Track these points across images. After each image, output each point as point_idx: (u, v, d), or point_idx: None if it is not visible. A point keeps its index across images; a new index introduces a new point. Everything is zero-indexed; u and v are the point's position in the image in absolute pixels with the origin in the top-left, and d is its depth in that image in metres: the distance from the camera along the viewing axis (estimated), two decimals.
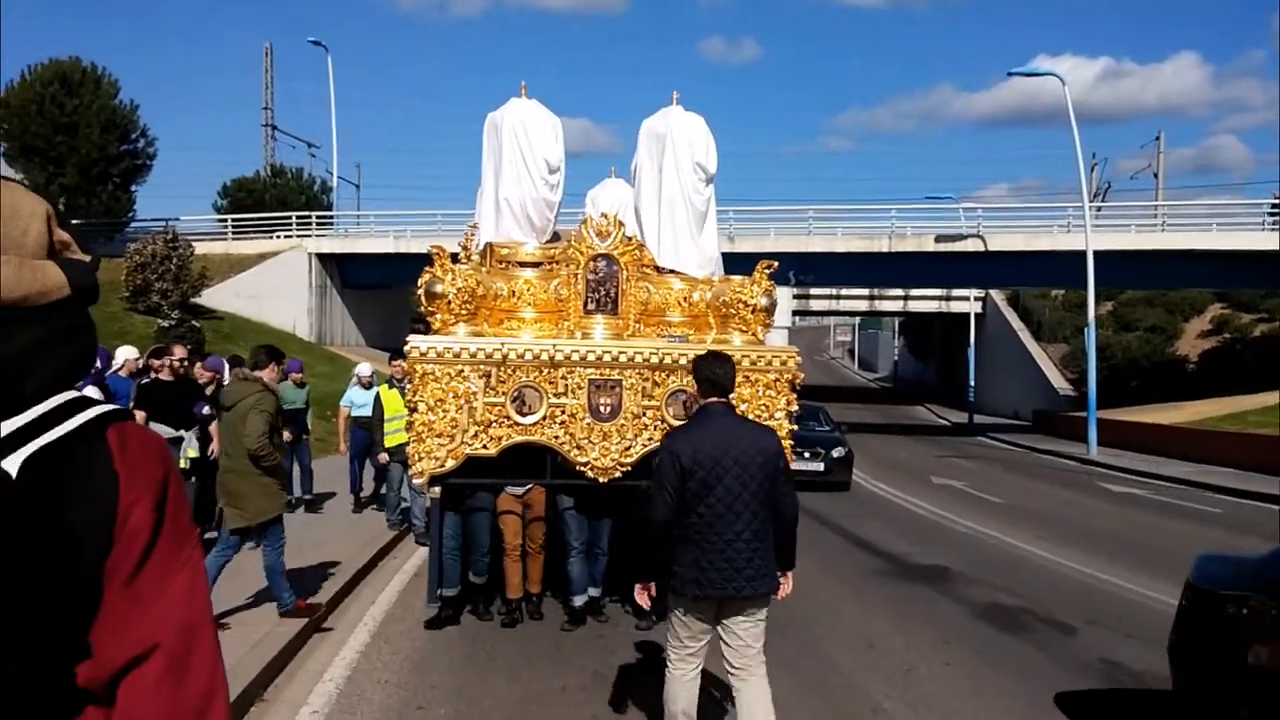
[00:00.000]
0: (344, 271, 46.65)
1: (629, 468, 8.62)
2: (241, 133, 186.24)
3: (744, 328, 8.85)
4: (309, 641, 8.33)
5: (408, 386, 8.79)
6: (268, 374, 8.52)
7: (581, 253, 8.76)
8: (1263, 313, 47.81)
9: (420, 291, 8.73)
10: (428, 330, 8.74)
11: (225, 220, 49.79)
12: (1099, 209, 43.88)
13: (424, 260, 8.83)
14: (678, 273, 9.22)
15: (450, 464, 8.51)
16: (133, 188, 50.13)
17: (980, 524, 16.07)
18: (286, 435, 11.70)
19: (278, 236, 47.69)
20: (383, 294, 49.39)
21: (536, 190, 9.14)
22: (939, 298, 54.71)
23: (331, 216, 51.99)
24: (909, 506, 18.86)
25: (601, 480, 8.61)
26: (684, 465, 5.17)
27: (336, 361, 38.80)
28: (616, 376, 8.60)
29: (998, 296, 54.97)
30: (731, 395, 8.67)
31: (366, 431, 14.14)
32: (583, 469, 8.60)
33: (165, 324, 32.32)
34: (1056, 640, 8.98)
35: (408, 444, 8.91)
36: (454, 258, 9.12)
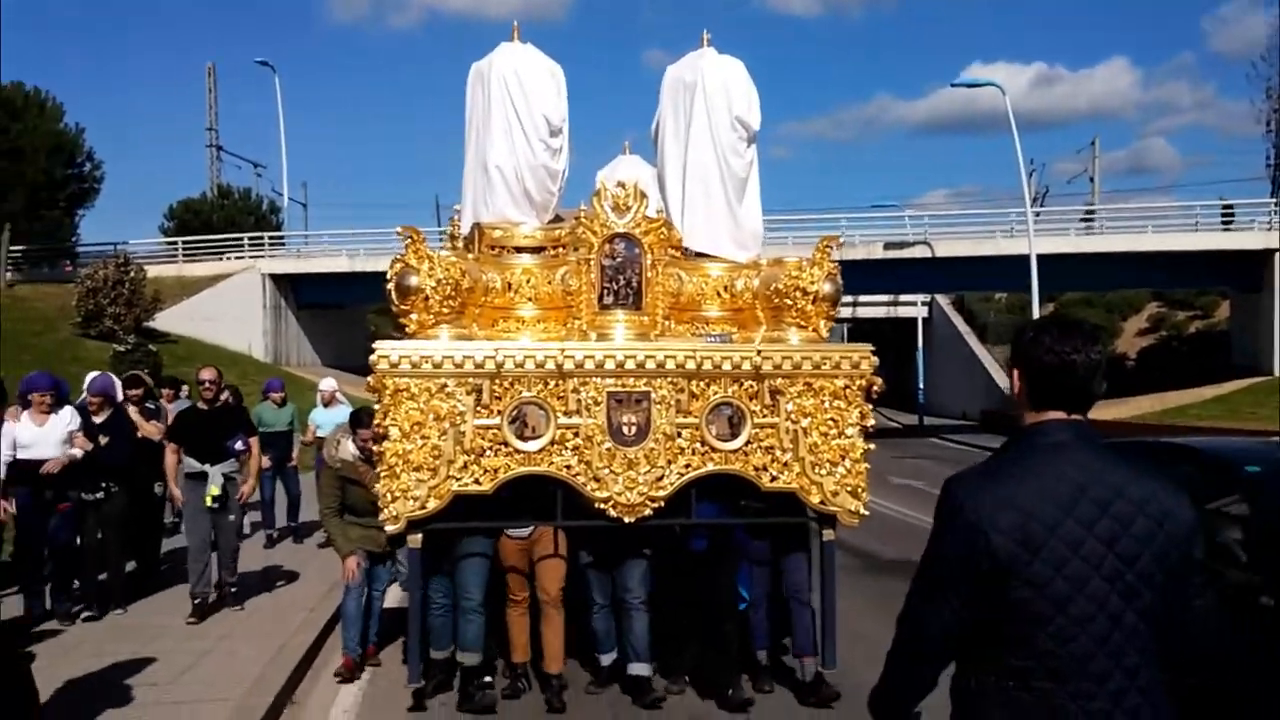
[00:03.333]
0: (298, 291, 43.80)
1: (661, 504, 6.38)
2: (185, 154, 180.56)
3: (802, 322, 6.63)
4: (324, 646, 8.11)
5: (375, 408, 6.48)
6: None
7: (595, 233, 6.51)
8: (1197, 309, 46.81)
9: (390, 286, 6.44)
10: (403, 336, 6.47)
11: (175, 243, 46.65)
12: (1038, 214, 42.62)
13: (379, 279, 6.67)
14: (713, 256, 7.00)
15: (432, 504, 6.22)
16: (79, 212, 47.11)
17: None
18: (266, 462, 10.49)
19: (229, 258, 44.75)
20: (337, 314, 46.61)
21: (534, 155, 6.86)
22: (886, 303, 53.04)
23: (283, 237, 49.14)
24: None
25: (627, 520, 6.36)
26: (998, 551, 2.44)
27: (295, 382, 36.07)
28: (643, 388, 6.35)
29: (943, 301, 53.52)
30: (789, 406, 6.57)
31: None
32: (603, 506, 6.35)
33: (121, 349, 29.84)
34: None
35: None
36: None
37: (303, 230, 54.07)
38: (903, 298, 51.33)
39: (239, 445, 8.65)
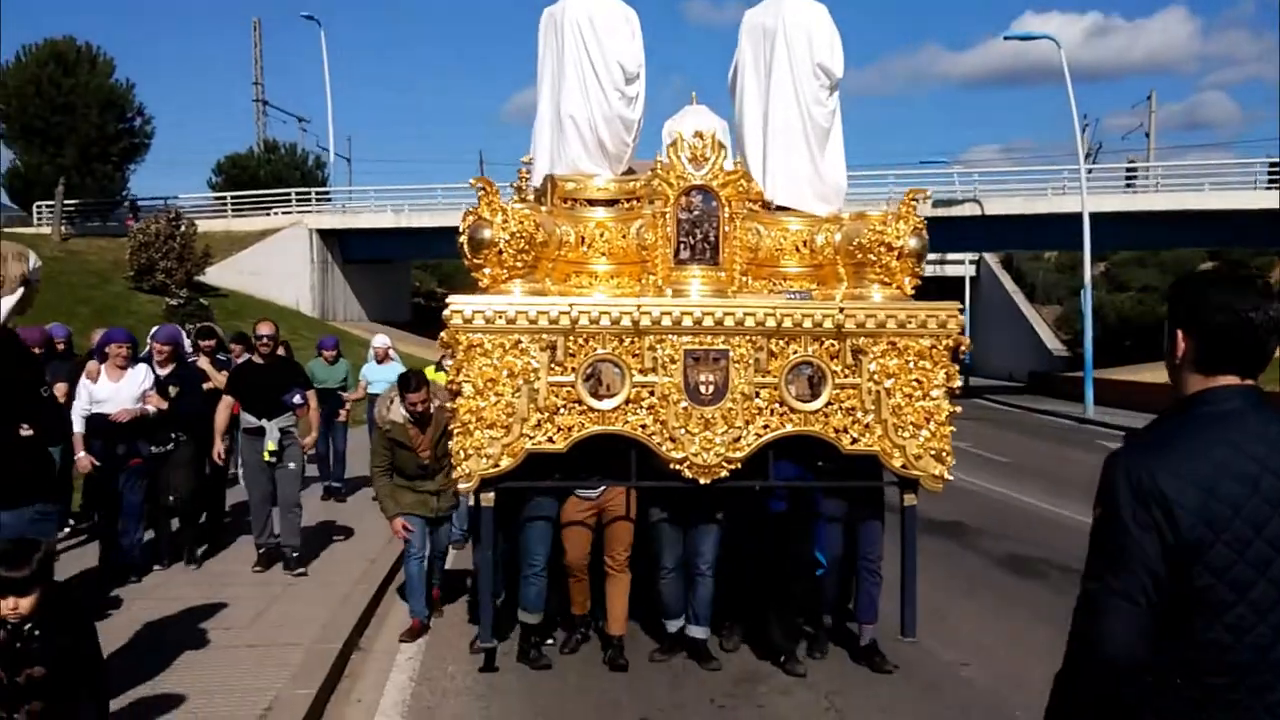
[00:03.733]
0: (344, 247, 43.76)
1: (738, 465, 6.16)
2: (231, 108, 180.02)
3: (886, 278, 6.35)
4: (385, 598, 8.13)
5: (448, 365, 6.29)
6: None
7: (671, 185, 6.25)
8: (1254, 269, 45.70)
9: (462, 240, 6.22)
10: (476, 290, 6.26)
11: (224, 198, 46.73)
12: (1090, 171, 41.68)
13: (424, 235, 6.48)
14: (792, 209, 6.71)
15: (505, 462, 6.04)
16: (130, 166, 47.23)
17: (988, 481, 15.31)
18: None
19: (276, 213, 44.76)
20: (383, 269, 46.61)
21: (609, 105, 6.59)
22: (934, 261, 52.17)
23: (329, 192, 49.07)
24: None
25: (702, 481, 6.15)
26: (1187, 532, 2.16)
27: (342, 337, 36.17)
28: (721, 346, 6.12)
29: (991, 259, 52.65)
30: (872, 366, 6.31)
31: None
32: (678, 467, 6.14)
33: (174, 303, 29.95)
34: (1073, 585, 6.79)
35: None
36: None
37: (347, 186, 54.04)
38: (950, 256, 50.59)
39: (296, 399, 8.50)
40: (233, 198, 46.10)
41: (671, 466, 6.13)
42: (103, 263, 36.18)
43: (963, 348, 6.21)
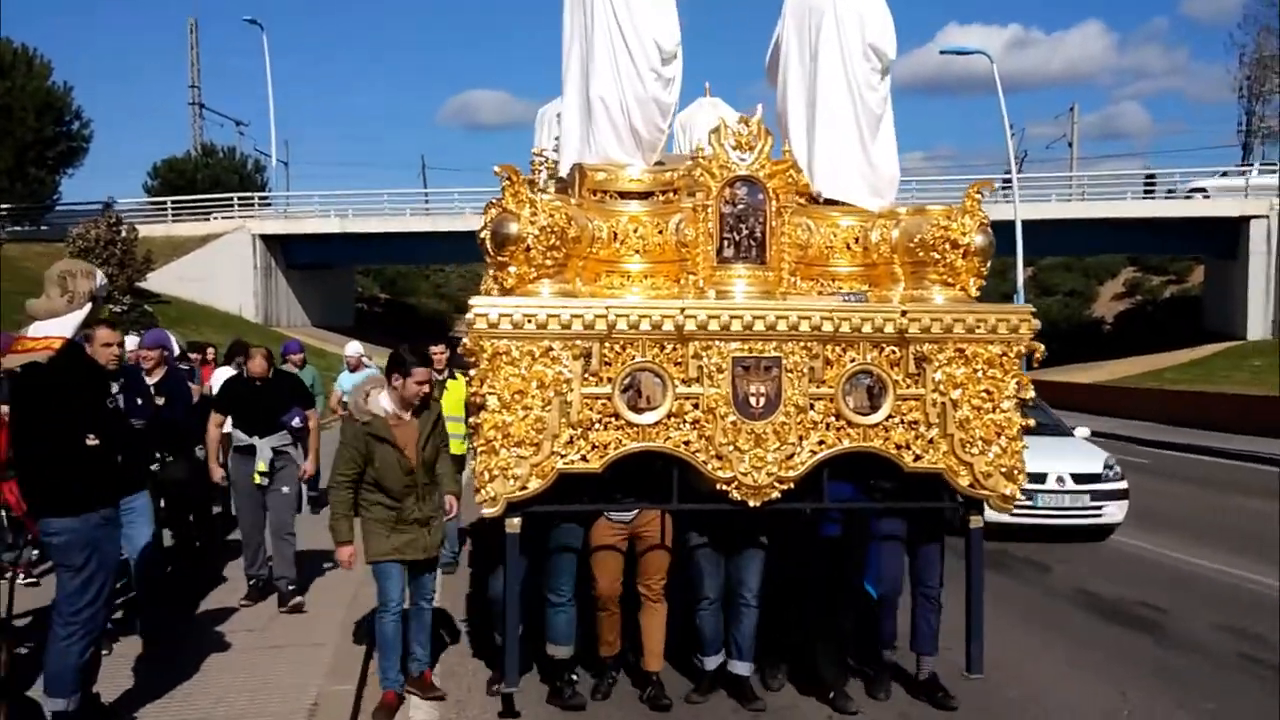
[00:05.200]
0: (288, 252, 42.23)
1: (791, 485, 5.39)
2: (166, 112, 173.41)
3: (949, 279, 5.62)
4: None
5: (472, 373, 5.41)
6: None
7: (714, 175, 5.46)
8: (1171, 275, 46.26)
9: (484, 236, 5.38)
10: (501, 291, 5.42)
11: (163, 202, 44.85)
12: (1020, 178, 41.88)
13: (369, 240, 5.66)
14: (843, 203, 5.97)
15: (534, 484, 5.21)
16: (68, 171, 45.19)
17: None
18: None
19: (216, 218, 43.12)
20: (326, 274, 45.21)
21: (644, 87, 5.76)
22: None
23: (270, 197, 47.50)
24: None
25: (752, 503, 5.37)
26: None
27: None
28: (773, 353, 5.34)
29: None
30: (936, 375, 5.56)
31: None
32: (726, 488, 5.35)
33: (117, 309, 28.41)
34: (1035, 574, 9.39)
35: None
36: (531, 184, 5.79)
37: (286, 190, 52.46)
38: None
39: (296, 422, 7.54)
40: (173, 202, 44.33)
41: (719, 487, 5.35)
42: (40, 269, 34.12)
43: (1037, 354, 5.51)
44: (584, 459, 5.26)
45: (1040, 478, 10.11)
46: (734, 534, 5.73)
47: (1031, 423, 5.57)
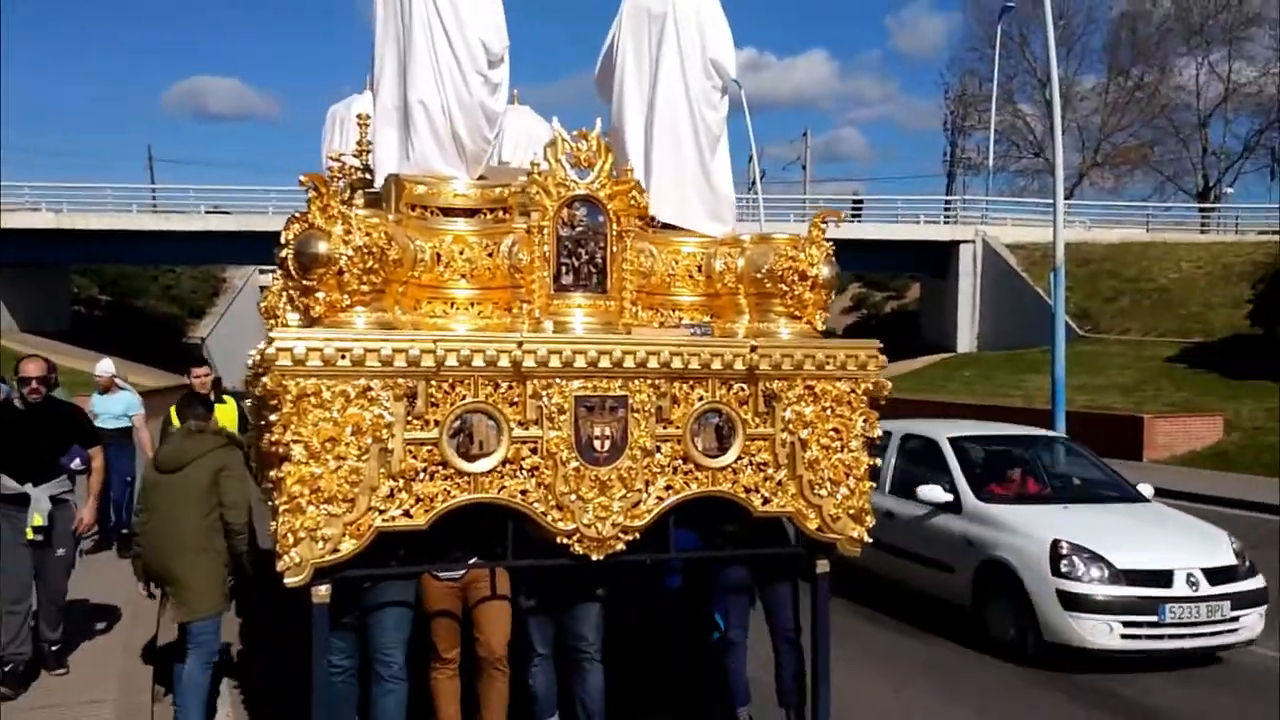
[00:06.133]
0: None
1: (636, 535, 4.84)
2: None
3: (796, 311, 5.24)
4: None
5: (272, 418, 4.52)
6: None
7: (549, 193, 4.84)
8: (892, 291, 49.20)
9: (286, 254, 4.54)
10: (306, 320, 4.57)
11: None
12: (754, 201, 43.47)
13: (89, 238, 4.84)
14: (682, 228, 5.47)
15: (347, 546, 4.41)
16: None
17: None
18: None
19: None
20: (36, 273, 40.74)
21: (469, 91, 5.05)
22: None
23: None
24: None
25: (595, 557, 4.78)
26: None
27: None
28: (619, 392, 4.78)
29: None
30: (786, 413, 5.15)
31: (118, 448, 9.59)
32: (567, 541, 4.74)
33: None
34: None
35: None
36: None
37: None
38: None
39: (76, 463, 6.26)
40: None
41: (559, 540, 4.73)
42: None
43: (883, 392, 5.21)
44: (407, 514, 4.51)
45: (1165, 578, 7.35)
46: (565, 585, 5.13)
47: (878, 462, 5.25)
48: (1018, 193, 50.85)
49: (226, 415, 7.88)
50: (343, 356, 4.35)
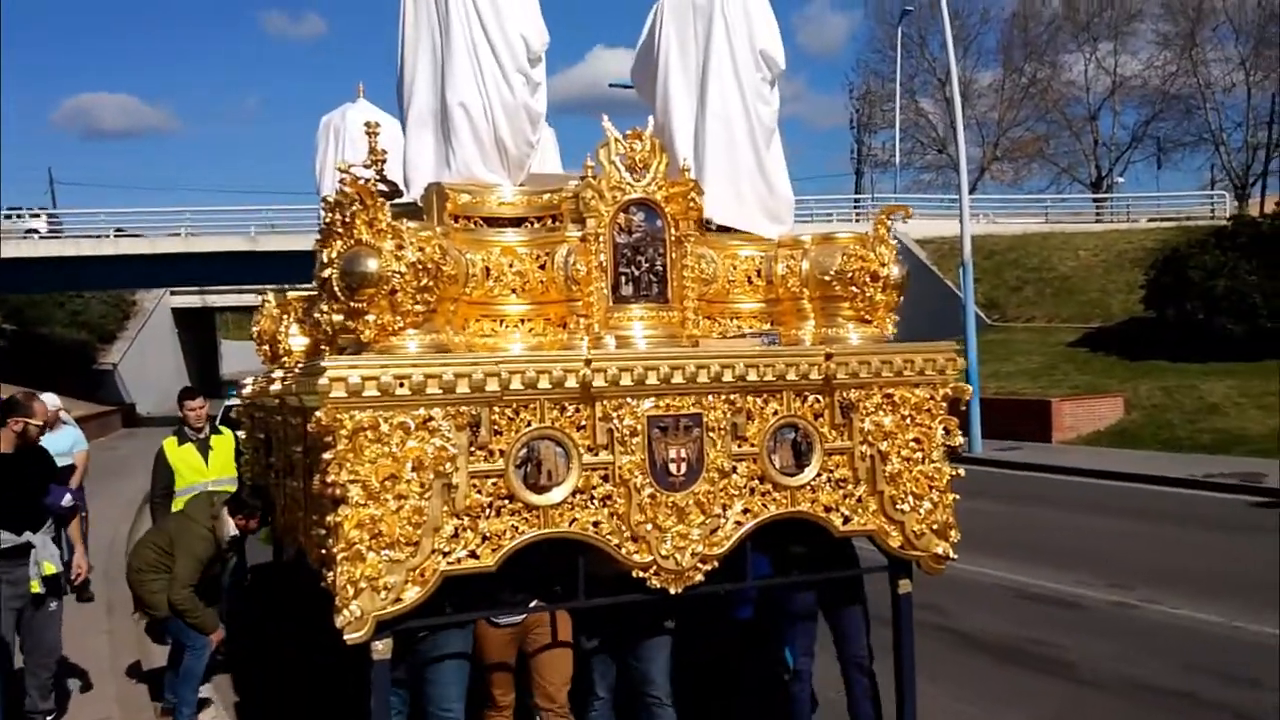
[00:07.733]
0: None
1: (716, 564, 4.38)
2: None
3: (866, 314, 4.84)
4: None
5: (326, 456, 3.97)
6: None
7: (605, 198, 4.39)
8: None
9: (331, 274, 4.00)
10: (356, 345, 4.04)
11: None
12: None
13: None
14: (740, 231, 5.04)
15: (411, 594, 3.89)
16: None
17: None
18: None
19: None
20: None
21: (513, 91, 4.56)
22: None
23: None
24: None
25: (673, 590, 4.31)
26: None
27: None
28: (693, 410, 4.33)
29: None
30: (865, 424, 4.74)
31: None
32: (643, 574, 4.26)
33: None
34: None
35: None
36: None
37: None
38: None
39: (66, 499, 5.62)
40: None
41: (635, 574, 4.25)
42: None
43: (964, 397, 4.82)
44: (473, 555, 4.00)
45: None
46: (631, 622, 4.65)
47: (961, 472, 4.86)
48: (923, 188, 51.63)
49: (223, 446, 7.29)
50: (401, 384, 3.84)
